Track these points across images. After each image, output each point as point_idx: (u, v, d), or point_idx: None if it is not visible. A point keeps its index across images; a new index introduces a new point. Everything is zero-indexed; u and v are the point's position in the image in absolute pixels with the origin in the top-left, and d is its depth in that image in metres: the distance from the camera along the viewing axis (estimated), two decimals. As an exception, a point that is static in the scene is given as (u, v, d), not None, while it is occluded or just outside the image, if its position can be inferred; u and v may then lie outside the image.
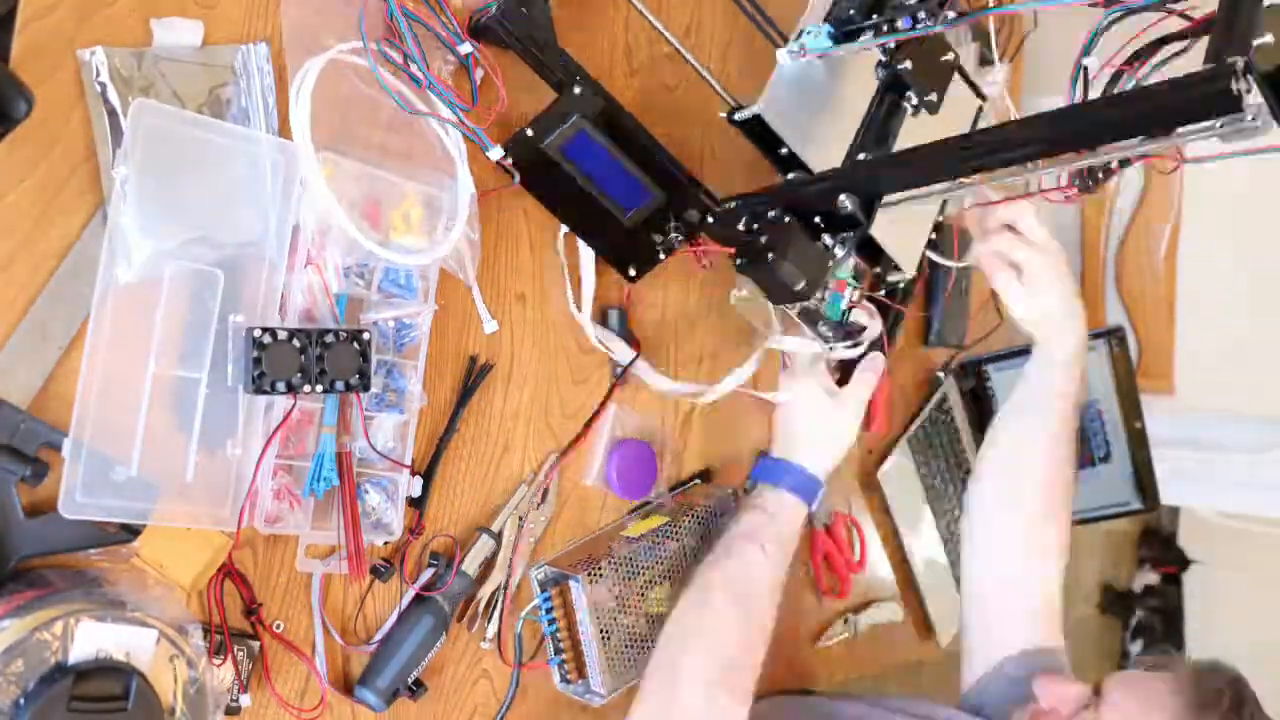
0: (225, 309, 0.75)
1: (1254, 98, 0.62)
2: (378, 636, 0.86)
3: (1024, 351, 1.48)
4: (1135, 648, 3.53)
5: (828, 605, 1.29)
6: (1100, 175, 0.81)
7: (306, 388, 0.76)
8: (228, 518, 0.75)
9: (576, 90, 0.89)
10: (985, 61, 1.49)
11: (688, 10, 1.09)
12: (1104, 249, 2.14)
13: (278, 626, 0.81)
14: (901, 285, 1.18)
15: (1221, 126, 0.65)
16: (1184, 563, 3.37)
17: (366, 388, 0.79)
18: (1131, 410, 1.45)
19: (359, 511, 0.81)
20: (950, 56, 0.93)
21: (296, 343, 0.75)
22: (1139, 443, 1.46)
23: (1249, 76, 0.61)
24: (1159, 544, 3.48)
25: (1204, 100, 0.63)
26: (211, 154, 0.74)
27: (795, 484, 1.02)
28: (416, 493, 0.86)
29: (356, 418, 0.81)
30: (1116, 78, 0.76)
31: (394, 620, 0.87)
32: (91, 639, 0.64)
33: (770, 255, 0.81)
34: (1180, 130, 0.68)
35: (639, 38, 1.04)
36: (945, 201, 1.08)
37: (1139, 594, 3.53)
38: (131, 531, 0.72)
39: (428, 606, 0.87)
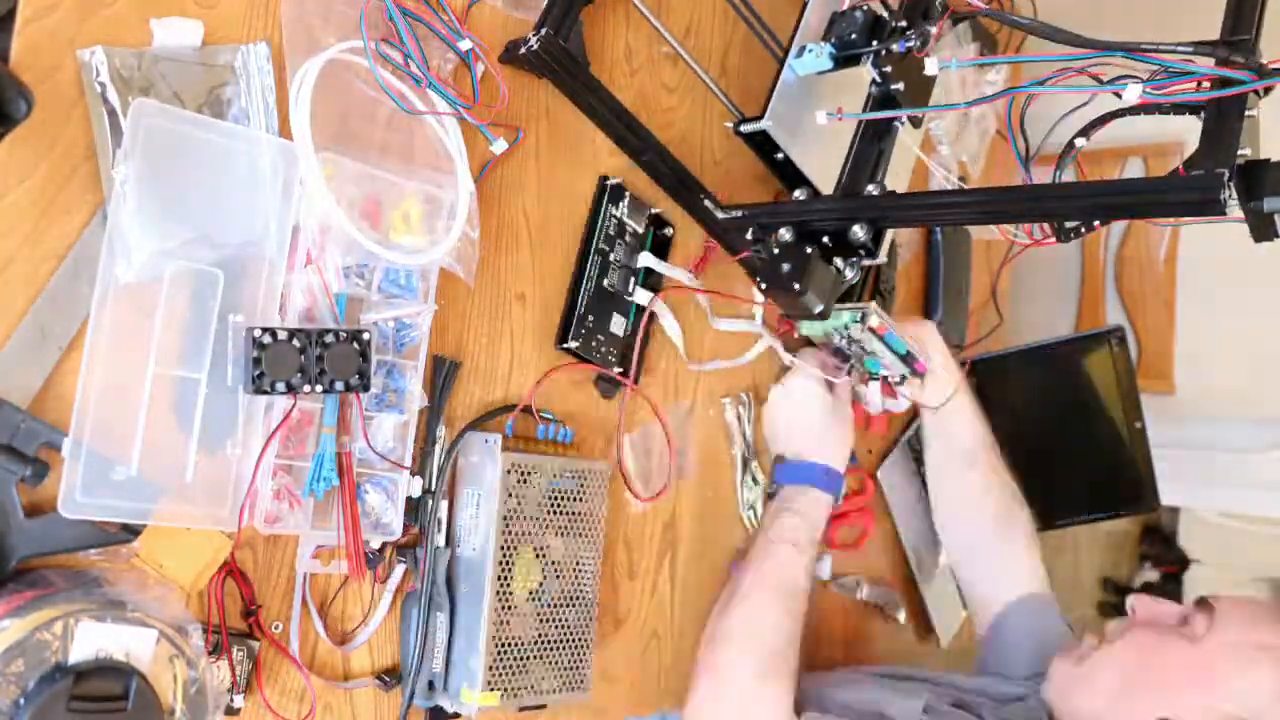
0: (225, 309, 0.75)
1: (1234, 201, 0.69)
2: (360, 638, 0.86)
3: (1024, 352, 1.49)
4: (1135, 647, 3.53)
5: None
6: (1082, 229, 0.86)
7: (306, 388, 0.76)
8: (228, 518, 0.75)
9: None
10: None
11: (687, 11, 1.09)
12: (1104, 249, 2.14)
13: (276, 628, 0.81)
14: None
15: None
16: (1184, 562, 3.37)
17: (366, 388, 0.79)
18: (1131, 410, 1.45)
19: (359, 512, 0.81)
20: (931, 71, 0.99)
21: (296, 343, 0.75)
22: (1139, 443, 1.46)
23: (1231, 184, 0.67)
24: (1160, 541, 3.48)
25: (1190, 204, 0.70)
26: (211, 154, 0.74)
27: (823, 484, 1.08)
28: (416, 493, 0.86)
29: (356, 418, 0.81)
30: (1069, 147, 0.82)
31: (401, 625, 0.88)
32: (91, 639, 0.64)
33: (796, 285, 0.89)
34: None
35: (639, 38, 1.04)
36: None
37: (1139, 590, 3.53)
38: (131, 531, 0.72)
39: (413, 602, 0.87)
